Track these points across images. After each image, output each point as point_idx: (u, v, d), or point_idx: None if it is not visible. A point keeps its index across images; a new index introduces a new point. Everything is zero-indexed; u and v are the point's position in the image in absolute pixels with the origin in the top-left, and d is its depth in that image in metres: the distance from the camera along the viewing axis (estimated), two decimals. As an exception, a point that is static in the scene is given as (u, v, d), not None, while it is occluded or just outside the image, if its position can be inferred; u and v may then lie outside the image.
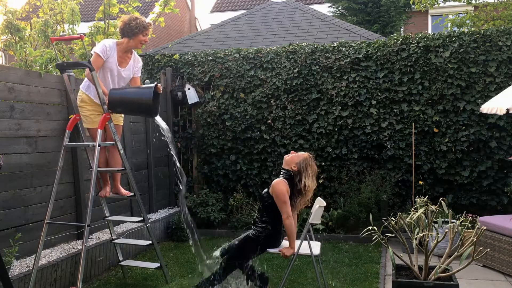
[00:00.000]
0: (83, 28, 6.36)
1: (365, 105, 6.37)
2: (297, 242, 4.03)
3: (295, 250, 3.98)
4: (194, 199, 6.67)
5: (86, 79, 4.36)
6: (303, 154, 4.05)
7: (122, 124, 4.70)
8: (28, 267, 4.08)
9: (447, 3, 11.72)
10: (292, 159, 4.03)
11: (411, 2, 10.86)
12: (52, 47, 5.12)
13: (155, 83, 4.28)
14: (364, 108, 6.37)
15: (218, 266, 3.99)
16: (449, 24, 10.96)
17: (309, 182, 3.96)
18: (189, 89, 6.96)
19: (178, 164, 5.96)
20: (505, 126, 5.89)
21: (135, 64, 4.51)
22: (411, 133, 6.13)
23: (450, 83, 6.05)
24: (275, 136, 6.74)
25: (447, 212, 3.90)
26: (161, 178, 6.78)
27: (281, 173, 4.06)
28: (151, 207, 6.46)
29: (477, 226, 3.65)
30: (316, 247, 4.18)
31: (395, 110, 6.27)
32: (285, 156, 4.10)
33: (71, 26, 6.05)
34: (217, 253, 4.03)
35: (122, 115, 4.68)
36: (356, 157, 6.45)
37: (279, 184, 3.91)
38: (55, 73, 5.27)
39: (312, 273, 4.77)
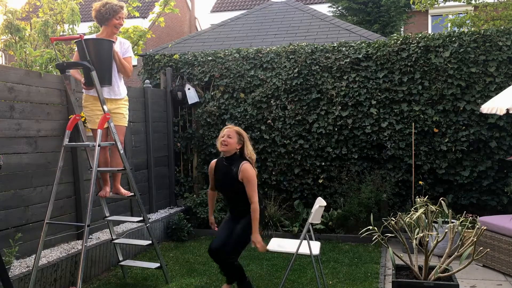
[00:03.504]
0: (83, 28, 6.37)
1: (365, 105, 6.37)
2: (297, 242, 4.03)
3: (295, 250, 3.98)
4: (194, 199, 6.67)
5: None
6: (230, 131, 3.97)
7: (126, 125, 4.64)
8: (28, 267, 4.09)
9: (447, 3, 11.69)
10: (231, 143, 3.95)
11: (411, 2, 10.84)
12: (52, 47, 5.12)
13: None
14: (364, 108, 6.37)
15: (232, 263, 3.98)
16: (449, 24, 10.94)
17: (250, 148, 4.02)
18: (189, 89, 6.96)
19: None
20: (505, 126, 5.89)
21: (121, 46, 4.51)
22: (411, 133, 6.14)
23: (450, 83, 6.05)
24: (275, 136, 6.74)
25: (447, 212, 3.90)
26: (161, 178, 6.78)
27: (233, 159, 3.99)
28: (151, 207, 6.46)
29: (477, 226, 3.66)
30: (316, 247, 4.18)
31: (395, 110, 6.27)
32: (221, 149, 3.97)
33: (71, 26, 6.06)
34: None
35: (126, 117, 4.61)
36: (356, 157, 6.45)
37: (251, 169, 3.91)
38: (55, 73, 5.27)
39: (312, 273, 4.77)
